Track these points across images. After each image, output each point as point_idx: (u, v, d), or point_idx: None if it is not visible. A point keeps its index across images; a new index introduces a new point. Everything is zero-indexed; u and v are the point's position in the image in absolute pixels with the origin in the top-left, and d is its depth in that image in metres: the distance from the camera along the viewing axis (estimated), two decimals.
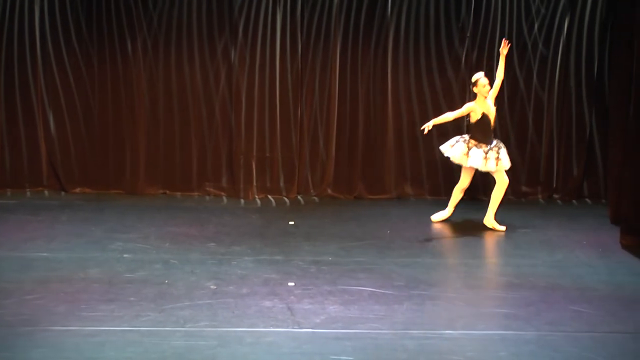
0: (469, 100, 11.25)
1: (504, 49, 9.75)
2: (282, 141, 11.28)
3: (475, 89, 9.70)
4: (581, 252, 8.99)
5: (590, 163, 11.45)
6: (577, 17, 11.22)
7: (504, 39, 9.92)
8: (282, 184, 11.33)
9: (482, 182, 11.33)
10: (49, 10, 10.97)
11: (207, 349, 6.29)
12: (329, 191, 11.36)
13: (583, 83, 11.32)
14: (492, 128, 9.73)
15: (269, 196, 11.27)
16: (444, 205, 10.37)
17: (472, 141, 9.71)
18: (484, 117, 9.65)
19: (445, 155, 9.91)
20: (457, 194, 10.01)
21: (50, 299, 7.20)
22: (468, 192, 10.98)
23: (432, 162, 11.35)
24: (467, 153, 9.68)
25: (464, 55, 11.23)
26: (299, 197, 11.30)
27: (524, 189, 11.45)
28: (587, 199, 11.40)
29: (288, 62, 11.16)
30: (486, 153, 9.64)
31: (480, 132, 9.68)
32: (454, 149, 9.78)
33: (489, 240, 9.40)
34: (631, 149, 9.16)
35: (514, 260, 8.69)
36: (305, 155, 11.34)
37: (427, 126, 9.58)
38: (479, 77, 9.70)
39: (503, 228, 9.76)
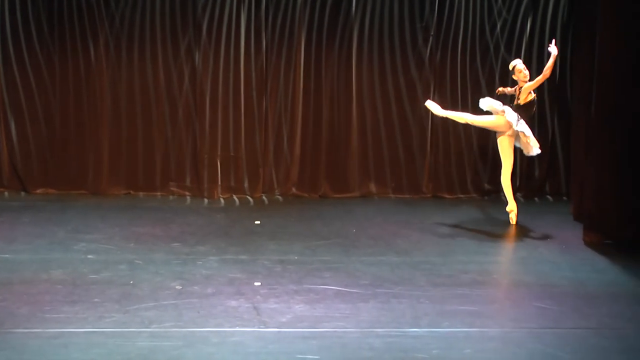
0: (432, 98, 11.34)
1: (553, 49, 9.75)
2: (247, 140, 11.26)
3: (514, 76, 9.86)
4: (545, 249, 9.06)
5: (552, 161, 11.53)
6: (539, 19, 11.29)
7: (553, 40, 10.02)
8: (246, 183, 11.31)
9: (445, 179, 11.40)
10: (10, 10, 10.86)
11: (172, 349, 6.26)
12: (294, 190, 11.36)
13: (545, 84, 11.38)
14: (532, 115, 10.01)
15: (234, 196, 11.25)
16: (407, 204, 10.42)
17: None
18: (533, 102, 9.83)
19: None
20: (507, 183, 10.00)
21: (13, 300, 7.13)
22: (429, 189, 11.10)
23: (395, 160, 11.38)
24: (504, 110, 9.77)
25: (427, 55, 11.27)
26: (263, 196, 11.28)
27: (486, 186, 11.51)
28: (549, 197, 11.48)
29: (252, 61, 11.14)
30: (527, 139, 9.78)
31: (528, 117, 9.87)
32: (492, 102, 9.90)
33: (453, 238, 9.44)
34: (593, 148, 9.25)
35: (477, 258, 8.73)
36: (270, 154, 11.33)
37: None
38: (515, 63, 9.91)
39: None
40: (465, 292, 7.63)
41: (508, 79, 11.33)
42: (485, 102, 9.94)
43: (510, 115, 9.72)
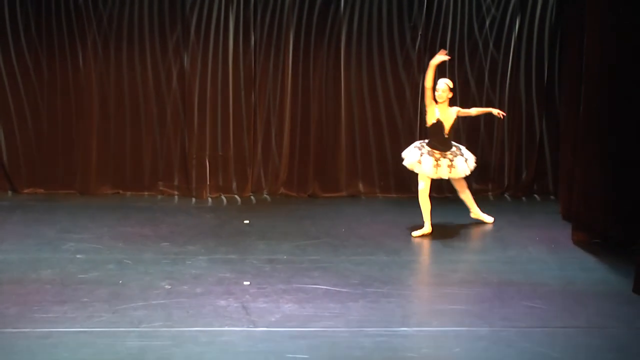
0: (420, 100, 11.36)
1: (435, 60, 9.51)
2: (235, 140, 11.24)
3: (436, 93, 9.53)
4: (534, 248, 9.08)
5: (540, 161, 11.56)
6: (528, 19, 11.31)
7: (442, 50, 9.78)
8: (235, 183, 11.30)
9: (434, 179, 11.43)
10: None
11: (161, 349, 6.25)
12: (283, 190, 11.36)
13: (533, 84, 11.42)
14: (446, 137, 9.51)
15: (222, 195, 11.23)
16: (395, 204, 10.43)
17: (427, 147, 9.58)
18: (439, 123, 9.50)
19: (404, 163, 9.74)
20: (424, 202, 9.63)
21: (1, 300, 7.11)
22: (413, 188, 11.11)
23: (384, 160, 11.40)
24: (420, 160, 9.54)
25: (416, 55, 11.28)
26: (252, 196, 11.27)
27: (474, 186, 11.53)
28: (537, 196, 11.51)
29: (241, 61, 11.13)
30: (437, 160, 9.51)
31: (434, 138, 9.56)
32: (410, 154, 9.66)
33: (442, 238, 9.45)
34: (581, 148, 9.27)
35: (467, 257, 8.75)
36: (258, 154, 11.32)
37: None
38: (438, 82, 9.57)
39: (491, 219, 9.93)
40: (455, 292, 7.65)
41: (497, 77, 11.42)
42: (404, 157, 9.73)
43: (426, 164, 9.47)
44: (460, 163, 9.58)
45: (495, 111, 9.70)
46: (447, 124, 9.49)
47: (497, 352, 6.38)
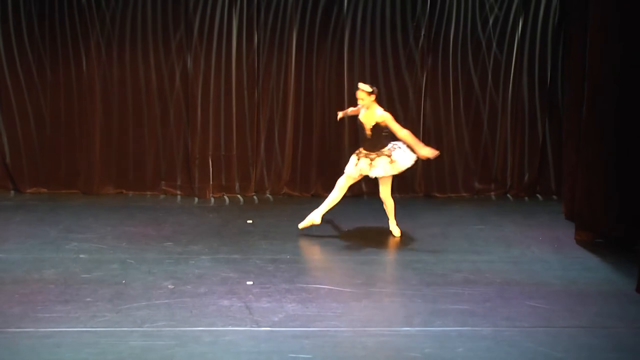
0: (424, 99, 11.36)
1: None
2: (238, 140, 11.25)
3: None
4: (537, 248, 9.08)
5: (542, 161, 11.55)
6: (531, 19, 11.30)
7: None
8: (238, 182, 11.31)
9: (437, 178, 11.42)
10: (1, 10, 10.84)
11: (165, 348, 6.26)
12: (286, 189, 11.36)
13: (536, 84, 11.41)
14: (368, 137, 9.21)
15: (226, 195, 11.24)
16: (399, 203, 10.39)
17: (362, 151, 9.32)
18: (359, 123, 9.32)
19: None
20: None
21: (5, 300, 7.12)
22: (421, 188, 11.14)
23: None
24: (357, 163, 9.29)
25: (419, 55, 11.27)
26: (255, 195, 11.27)
27: (477, 185, 11.53)
28: (539, 196, 11.50)
29: (244, 61, 11.13)
30: (358, 159, 9.27)
31: (361, 137, 9.40)
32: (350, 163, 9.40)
33: (446, 237, 9.45)
34: (584, 148, 9.27)
35: (470, 257, 8.75)
36: (262, 154, 11.33)
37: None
38: (358, 87, 9.29)
39: (398, 233, 9.44)
40: (458, 291, 7.65)
41: (500, 77, 11.40)
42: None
43: (350, 162, 9.34)
44: (381, 164, 9.17)
45: (427, 152, 9.09)
46: (368, 125, 9.18)
47: (500, 352, 6.38)
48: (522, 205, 11.11)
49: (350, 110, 9.75)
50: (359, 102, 9.27)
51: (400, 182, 11.36)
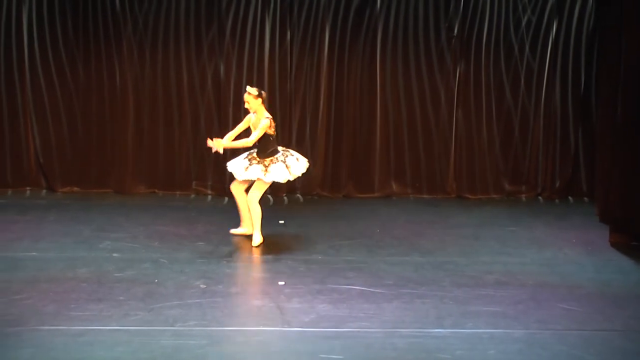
0: (457, 101, 11.32)
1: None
2: None
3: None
4: (570, 250, 9.02)
5: (575, 163, 11.47)
6: (565, 22, 11.20)
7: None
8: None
9: (468, 180, 11.38)
10: (37, 12, 10.95)
11: (196, 348, 6.28)
12: (318, 190, 11.36)
13: (569, 87, 11.31)
14: (257, 143, 8.93)
15: None
16: (429, 205, 10.42)
17: (255, 157, 9.01)
18: (248, 128, 9.06)
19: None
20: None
21: (39, 298, 7.18)
22: (453, 190, 11.10)
23: (419, 161, 11.37)
24: (247, 168, 8.96)
25: (451, 57, 11.23)
26: (285, 196, 11.28)
27: (507, 187, 11.48)
28: (570, 198, 11.43)
29: (276, 61, 11.15)
30: (267, 167, 8.94)
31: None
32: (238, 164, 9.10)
33: (477, 239, 9.41)
34: (619, 150, 9.20)
35: (502, 258, 8.71)
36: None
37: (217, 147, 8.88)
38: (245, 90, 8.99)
39: (242, 231, 9.19)
40: (489, 293, 7.62)
41: (533, 79, 11.34)
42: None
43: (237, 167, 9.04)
44: (254, 170, 8.88)
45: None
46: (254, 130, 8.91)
47: (531, 355, 6.34)
48: (553, 207, 11.04)
49: (234, 132, 9.12)
50: (246, 105, 8.92)
51: (431, 183, 11.34)
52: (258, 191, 8.94)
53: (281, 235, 9.42)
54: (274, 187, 11.26)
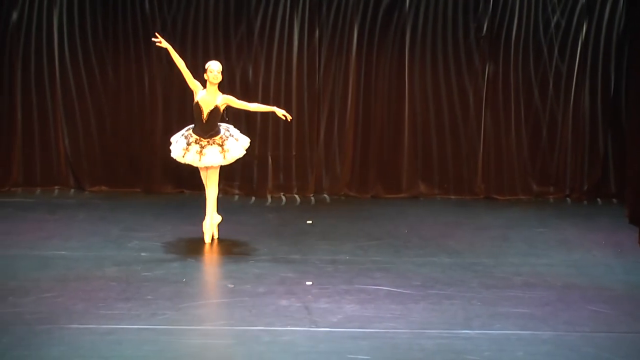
0: (485, 101, 11.27)
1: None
2: (298, 140, 11.28)
3: (205, 75, 8.76)
4: (598, 252, 8.95)
5: (604, 164, 11.40)
6: (595, 23, 11.12)
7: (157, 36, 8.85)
8: (296, 183, 11.34)
9: (496, 181, 11.33)
10: (68, 14, 11.03)
11: (223, 347, 6.29)
12: (345, 190, 11.36)
13: (599, 89, 11.27)
14: (204, 122, 8.69)
15: (283, 195, 11.28)
16: (456, 205, 10.39)
17: (193, 135, 8.80)
18: (196, 105, 8.74)
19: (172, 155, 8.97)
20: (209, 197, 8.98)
21: (68, 297, 7.22)
22: (482, 190, 11.04)
23: (447, 161, 11.35)
24: (185, 154, 8.82)
25: (479, 56, 11.19)
26: (312, 196, 11.29)
27: (535, 188, 11.42)
28: (598, 200, 11.36)
29: (304, 60, 11.16)
30: (188, 145, 8.77)
31: (195, 121, 8.80)
32: (176, 145, 8.89)
33: (506, 240, 9.38)
34: None
35: (530, 260, 8.66)
36: (321, 154, 11.34)
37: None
38: (209, 64, 8.77)
39: (208, 239, 8.95)
40: (518, 294, 7.58)
41: (562, 83, 11.26)
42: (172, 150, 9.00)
43: (177, 147, 8.87)
44: (212, 152, 8.73)
45: (280, 112, 8.76)
46: (207, 109, 8.67)
47: (560, 357, 6.30)
48: (581, 209, 10.98)
49: (190, 80, 8.82)
50: (217, 79, 8.66)
51: (458, 184, 11.31)
52: (216, 172, 8.88)
53: (309, 235, 9.42)
54: (301, 187, 11.31)
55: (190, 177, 11.30)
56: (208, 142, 8.73)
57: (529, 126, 11.31)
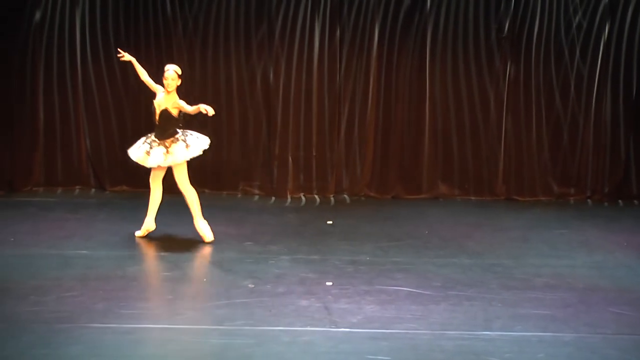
0: (506, 102, 11.23)
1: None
2: (319, 141, 11.28)
3: (164, 81, 8.89)
4: (621, 253, 8.90)
5: (626, 166, 11.33)
6: (618, 25, 11.06)
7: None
8: (317, 183, 11.34)
9: (516, 182, 11.28)
10: (90, 15, 11.08)
11: (244, 347, 6.30)
12: (365, 191, 11.35)
13: (620, 90, 11.21)
14: (157, 123, 8.84)
15: (303, 196, 11.28)
16: (476, 206, 10.34)
17: (152, 136, 8.92)
18: (152, 106, 8.92)
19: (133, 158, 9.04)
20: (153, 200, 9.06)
21: (89, 296, 7.25)
22: (502, 192, 11.00)
23: (468, 162, 11.33)
24: (149, 152, 8.89)
25: (500, 57, 11.16)
26: (333, 197, 11.28)
27: (556, 189, 11.38)
28: (620, 201, 11.29)
29: (325, 61, 11.16)
30: (150, 148, 8.85)
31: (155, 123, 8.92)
32: (138, 150, 8.97)
33: (526, 241, 9.34)
34: None
35: (551, 261, 8.63)
36: (342, 155, 11.34)
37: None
38: (167, 68, 8.93)
39: (210, 238, 8.97)
40: (539, 296, 7.55)
41: (583, 84, 11.21)
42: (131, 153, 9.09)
43: (137, 150, 8.95)
44: (178, 150, 8.78)
45: (203, 107, 8.61)
46: (158, 110, 8.81)
47: (581, 359, 6.27)
48: (602, 210, 10.92)
49: (141, 72, 9.06)
50: (165, 82, 8.82)
51: (478, 185, 11.28)
52: (182, 174, 8.88)
53: (329, 235, 9.42)
54: (321, 188, 11.31)
55: (211, 176, 11.35)
56: (159, 143, 8.83)
57: (550, 127, 11.27)
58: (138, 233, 9.09)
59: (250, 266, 8.21)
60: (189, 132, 9.01)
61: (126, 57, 9.05)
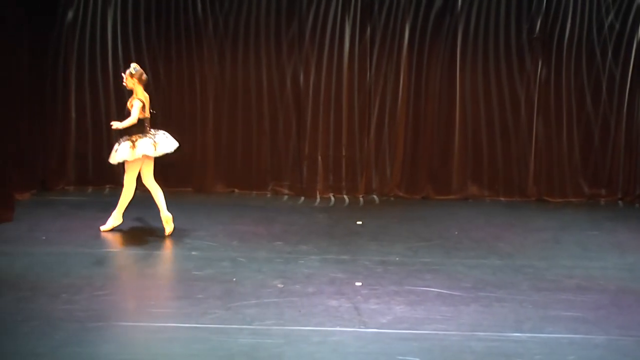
0: (537, 104, 11.16)
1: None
2: (349, 141, 11.28)
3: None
4: None
5: None
6: None
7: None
8: (346, 183, 11.33)
9: (547, 183, 11.22)
10: (122, 14, 11.14)
11: (273, 347, 6.31)
12: (395, 191, 11.33)
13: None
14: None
15: (333, 196, 11.28)
16: (506, 207, 10.30)
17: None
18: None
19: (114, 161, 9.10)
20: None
21: (120, 295, 7.30)
22: (534, 192, 10.94)
23: (498, 163, 11.28)
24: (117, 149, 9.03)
25: (531, 58, 11.10)
26: (362, 197, 11.27)
27: (587, 191, 11.30)
28: None
29: (355, 61, 11.16)
30: (119, 144, 9.00)
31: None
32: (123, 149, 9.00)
33: (558, 242, 9.29)
34: None
35: (583, 263, 8.57)
36: (372, 155, 11.33)
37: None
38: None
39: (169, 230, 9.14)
40: (570, 298, 7.50)
41: (615, 86, 11.12)
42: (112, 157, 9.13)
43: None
44: (121, 149, 8.93)
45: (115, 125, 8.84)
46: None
47: None
48: (634, 212, 10.85)
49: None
50: (124, 83, 9.03)
51: (508, 186, 11.23)
52: (131, 171, 9.03)
53: (358, 235, 9.42)
54: (350, 188, 11.30)
55: (241, 176, 11.38)
56: (139, 136, 8.99)
57: (581, 128, 11.20)
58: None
59: (279, 266, 8.22)
60: (161, 132, 9.19)
61: (114, 125, 9.00)
